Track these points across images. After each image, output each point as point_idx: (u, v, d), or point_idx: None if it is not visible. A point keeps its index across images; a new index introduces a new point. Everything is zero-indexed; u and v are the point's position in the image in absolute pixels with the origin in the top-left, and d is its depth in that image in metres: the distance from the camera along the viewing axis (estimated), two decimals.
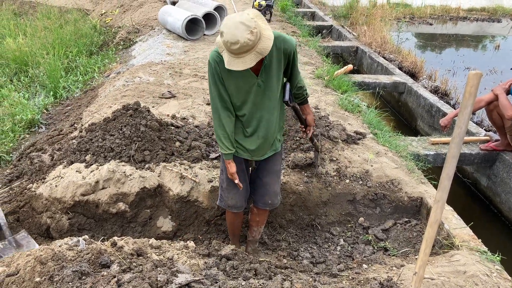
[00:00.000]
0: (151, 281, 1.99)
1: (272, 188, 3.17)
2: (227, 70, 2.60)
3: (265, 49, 2.39)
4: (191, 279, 1.98)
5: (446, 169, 1.76)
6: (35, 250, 2.66)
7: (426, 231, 1.83)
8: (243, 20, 2.32)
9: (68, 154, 4.12)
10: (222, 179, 3.18)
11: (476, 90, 1.72)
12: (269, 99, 2.79)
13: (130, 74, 6.44)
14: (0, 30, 9.48)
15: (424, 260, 1.84)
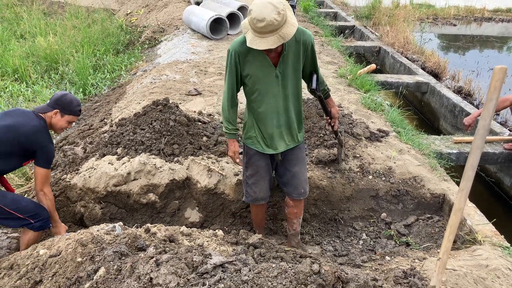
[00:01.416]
0: (187, 261, 2.12)
1: (303, 176, 3.26)
2: (247, 61, 2.74)
3: (288, 34, 2.50)
4: (224, 260, 2.10)
5: (471, 159, 1.84)
6: (73, 234, 2.83)
7: (450, 219, 1.91)
8: (272, 1, 2.45)
9: (100, 147, 4.29)
10: (247, 175, 3.28)
11: (501, 84, 1.80)
12: (287, 90, 2.90)
13: (157, 72, 6.62)
14: (31, 29, 9.80)
15: (447, 247, 1.92)
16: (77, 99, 3.27)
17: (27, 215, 3.07)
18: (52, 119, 3.15)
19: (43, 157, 3.05)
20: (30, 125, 2.99)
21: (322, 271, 1.99)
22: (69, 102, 3.16)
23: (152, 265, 2.07)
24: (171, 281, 1.98)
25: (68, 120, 3.21)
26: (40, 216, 3.17)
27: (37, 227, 3.15)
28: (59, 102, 3.13)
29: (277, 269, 2.05)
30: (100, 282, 2.11)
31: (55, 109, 3.12)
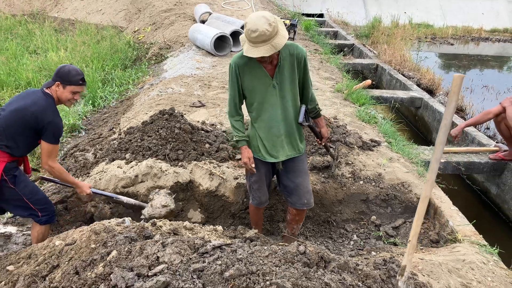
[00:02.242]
0: (189, 244, 2.41)
1: (306, 188, 3.45)
2: (245, 73, 3.06)
3: (279, 44, 2.82)
4: (222, 243, 2.39)
5: (435, 153, 2.14)
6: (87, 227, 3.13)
7: (418, 206, 2.20)
8: (264, 15, 2.80)
9: (110, 153, 4.61)
10: (252, 181, 3.50)
11: (459, 89, 2.11)
12: (285, 100, 3.18)
13: (163, 85, 6.99)
14: (43, 45, 10.24)
15: (416, 231, 2.21)
16: (77, 68, 3.27)
17: (38, 207, 3.34)
18: (57, 92, 3.22)
19: (49, 132, 3.16)
20: (37, 103, 3.13)
21: (307, 251, 2.28)
22: (67, 72, 3.19)
23: (159, 246, 2.37)
24: (175, 259, 2.28)
25: (71, 91, 3.23)
26: (47, 211, 3.43)
27: (43, 221, 3.42)
28: (59, 74, 3.19)
29: (268, 250, 2.34)
30: (113, 262, 2.40)
31: (56, 81, 3.20)
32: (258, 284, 2.09)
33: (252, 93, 3.18)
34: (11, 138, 3.15)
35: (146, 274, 2.20)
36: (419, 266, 2.91)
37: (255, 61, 3.03)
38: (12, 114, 3.16)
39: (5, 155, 3.15)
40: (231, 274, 2.13)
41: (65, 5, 15.64)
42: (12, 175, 3.20)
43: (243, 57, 3.02)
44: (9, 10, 15.18)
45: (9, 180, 3.18)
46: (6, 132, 3.14)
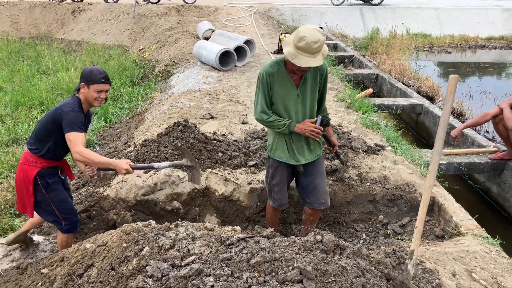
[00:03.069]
0: (216, 238, 2.65)
1: (324, 188, 3.68)
2: (275, 81, 3.31)
3: (326, 52, 3.16)
4: (246, 235, 2.63)
5: (436, 147, 2.39)
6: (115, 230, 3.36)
7: (423, 195, 2.44)
8: (314, 27, 3.10)
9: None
10: (273, 184, 3.71)
11: (455, 89, 2.36)
12: (306, 108, 3.43)
13: (173, 100, 7.27)
14: (53, 66, 10.59)
15: (422, 217, 2.44)
16: (99, 68, 3.39)
17: (63, 215, 3.57)
18: (84, 94, 3.34)
19: (65, 122, 3.20)
20: (62, 103, 3.35)
21: (324, 239, 2.51)
22: (89, 72, 3.32)
23: (189, 240, 2.61)
24: (205, 251, 2.51)
25: (95, 89, 3.31)
26: (70, 221, 3.63)
27: (65, 229, 3.64)
28: (82, 76, 3.34)
29: (288, 241, 2.58)
30: (146, 256, 2.63)
31: (81, 83, 3.33)
32: (282, 269, 2.32)
33: (279, 101, 3.40)
34: (43, 141, 3.38)
35: (179, 264, 2.44)
36: (426, 254, 3.13)
37: (284, 71, 3.32)
38: (42, 118, 3.43)
39: (40, 161, 3.40)
40: (256, 261, 2.36)
41: (71, 27, 16.07)
42: (45, 181, 3.44)
43: (274, 66, 3.31)
44: (16, 34, 15.61)
45: (42, 185, 3.43)
46: (39, 136, 3.39)
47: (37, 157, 3.42)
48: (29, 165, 3.42)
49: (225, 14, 15.80)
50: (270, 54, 10.91)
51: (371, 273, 2.47)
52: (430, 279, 2.75)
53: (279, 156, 3.57)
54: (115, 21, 15.47)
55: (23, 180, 3.44)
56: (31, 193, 3.47)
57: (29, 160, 3.43)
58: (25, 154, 3.46)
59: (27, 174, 3.42)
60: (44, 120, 3.41)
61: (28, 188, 3.45)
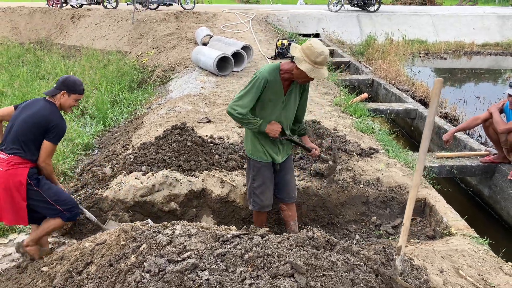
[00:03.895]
0: (211, 234, 2.75)
1: (293, 183, 3.99)
2: (269, 88, 3.46)
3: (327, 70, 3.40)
4: (241, 232, 2.73)
5: (422, 146, 2.50)
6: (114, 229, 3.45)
7: (410, 193, 2.54)
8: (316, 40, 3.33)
9: (126, 166, 4.96)
10: (254, 186, 3.86)
11: (439, 92, 2.47)
12: (287, 113, 3.68)
13: (171, 104, 7.39)
14: (52, 71, 10.70)
15: (408, 214, 2.54)
16: (79, 79, 3.69)
17: (63, 207, 3.63)
18: (61, 100, 3.57)
19: (53, 133, 3.47)
20: (44, 109, 3.50)
21: (315, 236, 2.61)
22: (73, 82, 3.59)
23: (186, 237, 2.71)
24: (200, 247, 2.61)
25: (74, 99, 3.61)
26: (73, 210, 3.72)
27: (67, 217, 3.71)
28: (65, 84, 3.55)
29: (280, 237, 2.69)
30: (144, 253, 2.73)
31: (62, 90, 3.54)
32: (274, 264, 2.42)
33: (266, 105, 3.57)
34: (27, 145, 3.46)
35: (176, 260, 2.53)
36: (415, 252, 3.23)
37: (279, 79, 3.48)
38: (24, 123, 3.48)
39: (27, 162, 3.47)
40: (250, 256, 2.46)
41: (70, 33, 16.21)
42: (35, 178, 3.52)
43: (272, 73, 3.46)
44: (16, 39, 15.74)
45: (34, 183, 3.49)
46: (22, 140, 3.45)
47: (22, 159, 3.46)
48: (17, 168, 3.44)
49: (223, 20, 15.96)
50: (267, 60, 11.05)
51: (360, 268, 2.57)
52: (418, 275, 2.85)
53: (260, 157, 3.74)
54: (114, 26, 15.61)
55: (13, 185, 3.43)
56: (23, 197, 3.49)
57: (15, 163, 3.44)
58: (9, 159, 3.43)
59: (18, 177, 3.43)
60: (27, 126, 3.47)
61: (20, 192, 3.46)
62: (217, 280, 2.32)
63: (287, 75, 3.46)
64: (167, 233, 2.87)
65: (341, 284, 2.36)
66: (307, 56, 3.24)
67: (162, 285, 2.39)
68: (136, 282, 2.47)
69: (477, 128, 7.42)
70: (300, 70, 3.30)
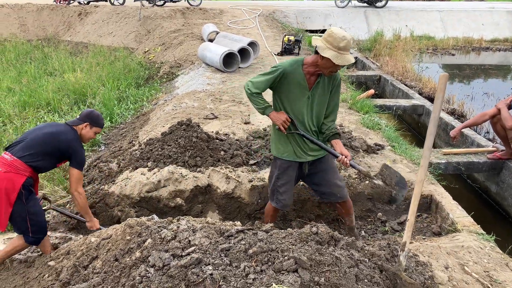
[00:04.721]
0: (216, 230, 2.75)
1: (336, 182, 3.73)
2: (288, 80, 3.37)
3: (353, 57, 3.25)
4: (245, 227, 2.73)
5: (427, 142, 2.48)
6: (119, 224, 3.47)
7: (415, 189, 2.53)
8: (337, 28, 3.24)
9: (133, 162, 4.98)
10: (278, 185, 3.73)
11: (444, 87, 2.45)
12: (313, 111, 3.49)
13: (177, 100, 7.40)
14: (59, 67, 10.76)
15: (413, 210, 2.53)
16: (101, 114, 3.92)
17: (33, 228, 3.52)
18: (82, 131, 3.74)
19: (77, 160, 3.63)
20: (68, 134, 3.61)
21: (319, 231, 2.61)
22: (97, 117, 3.82)
23: (190, 232, 2.72)
24: (205, 242, 2.62)
25: (95, 132, 3.83)
26: (38, 235, 3.59)
27: (30, 241, 3.59)
28: (89, 117, 3.76)
29: (285, 233, 2.69)
30: (149, 248, 2.74)
31: (85, 122, 3.74)
32: (278, 259, 2.43)
33: (289, 99, 3.46)
34: (41, 155, 3.49)
35: (180, 254, 2.54)
36: (420, 248, 3.22)
37: (301, 72, 3.37)
38: (45, 136, 3.54)
39: (28, 170, 3.44)
40: (254, 251, 2.46)
41: (77, 29, 16.28)
42: (29, 189, 3.46)
43: (293, 66, 3.37)
44: (24, 36, 15.84)
45: (25, 194, 3.42)
46: (37, 150, 3.48)
47: (26, 166, 3.44)
48: (16, 173, 3.40)
49: (230, 16, 15.94)
50: (274, 56, 11.02)
51: (365, 264, 2.57)
52: (423, 271, 2.84)
53: (287, 156, 3.62)
54: (121, 23, 15.65)
55: (5, 189, 3.35)
56: (12, 203, 3.40)
57: (18, 168, 3.40)
58: (13, 162, 3.41)
59: (13, 182, 3.37)
60: (45, 141, 3.52)
61: (10, 198, 3.38)
62: (221, 275, 2.33)
63: (312, 69, 3.34)
64: (171, 228, 2.88)
65: (345, 279, 2.36)
66: (330, 43, 3.14)
67: (167, 280, 2.41)
68: (140, 277, 2.48)
69: (485, 125, 7.37)
70: (325, 59, 3.17)
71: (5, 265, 3.79)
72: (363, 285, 2.39)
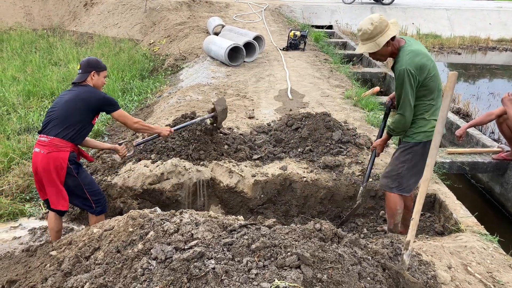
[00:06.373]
0: (219, 224, 2.75)
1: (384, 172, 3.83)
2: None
3: (381, 42, 3.20)
4: (248, 222, 2.72)
5: (434, 141, 2.46)
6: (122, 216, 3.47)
7: (420, 188, 2.51)
8: (372, 16, 3.24)
9: (136, 154, 4.97)
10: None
11: (454, 85, 2.43)
12: None
13: (182, 93, 7.38)
14: (65, 57, 10.74)
15: (418, 209, 2.51)
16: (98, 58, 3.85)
17: (94, 198, 3.70)
18: (94, 80, 3.68)
19: (108, 104, 3.64)
20: (84, 91, 3.59)
21: (323, 228, 2.60)
22: (96, 61, 3.73)
23: (193, 225, 2.71)
24: (207, 236, 2.61)
25: (104, 76, 3.77)
26: (100, 202, 3.79)
27: (98, 211, 3.79)
28: (91, 65, 3.68)
29: (288, 228, 2.67)
30: (151, 240, 2.73)
31: (90, 72, 3.66)
32: (281, 255, 2.41)
33: None
34: (72, 125, 3.50)
35: (182, 248, 2.54)
36: (423, 248, 3.21)
37: None
38: (66, 104, 3.53)
39: (68, 144, 3.49)
40: (256, 246, 2.45)
41: (83, 20, 16.24)
42: (76, 163, 3.57)
43: None
44: (29, 25, 15.82)
45: (74, 168, 3.53)
46: (67, 121, 3.49)
47: (65, 141, 3.49)
48: (59, 151, 3.46)
49: (236, 10, 15.87)
50: (279, 51, 10.97)
51: (368, 262, 2.56)
52: (426, 270, 2.83)
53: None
54: (126, 14, 15.60)
55: (55, 168, 3.46)
56: (62, 181, 3.52)
57: (58, 146, 3.47)
58: (51, 141, 3.46)
59: (60, 160, 3.46)
60: (72, 106, 3.52)
61: (60, 176, 3.49)
62: (223, 269, 2.32)
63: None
64: (174, 221, 2.88)
65: (348, 277, 2.34)
66: None
67: (169, 273, 2.40)
68: (142, 269, 2.48)
69: (490, 125, 7.33)
70: None
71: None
72: (366, 283, 2.38)
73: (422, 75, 3.25)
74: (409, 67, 3.21)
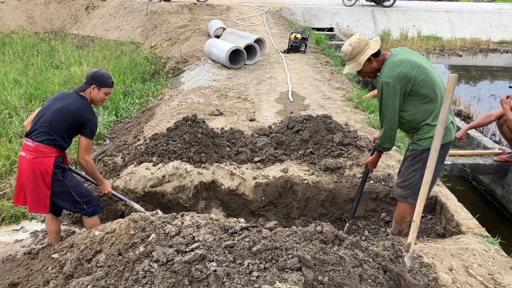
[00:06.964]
0: (220, 226, 2.75)
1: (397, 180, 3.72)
2: None
3: (362, 60, 3.25)
4: (249, 224, 2.73)
5: (434, 143, 2.47)
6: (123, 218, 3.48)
7: (421, 190, 2.52)
8: (352, 37, 3.31)
9: (137, 157, 4.98)
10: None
11: (454, 87, 2.44)
12: None
13: (183, 96, 7.40)
14: (66, 60, 10.78)
15: (419, 211, 2.52)
16: (107, 73, 3.76)
17: (83, 200, 3.70)
18: (92, 94, 3.65)
19: (88, 128, 3.59)
20: (76, 103, 3.58)
21: (324, 230, 2.60)
22: (102, 76, 3.66)
23: (194, 228, 2.72)
24: (209, 238, 2.62)
25: (105, 92, 3.70)
26: (91, 203, 3.80)
27: (89, 212, 3.79)
28: (94, 78, 3.64)
29: (289, 231, 2.68)
30: (153, 243, 2.74)
31: (91, 85, 3.63)
32: (282, 257, 2.42)
33: None
34: (59, 133, 3.53)
35: (184, 250, 2.54)
36: (425, 250, 3.21)
37: None
38: (57, 112, 3.55)
39: (53, 150, 3.53)
40: (258, 249, 2.46)
41: (84, 23, 16.31)
42: (61, 168, 3.58)
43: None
44: (31, 28, 15.88)
45: (59, 173, 3.55)
46: (54, 129, 3.52)
47: (50, 147, 3.52)
48: (45, 157, 3.50)
49: (237, 13, 15.91)
50: (280, 53, 11.00)
51: (369, 264, 2.56)
52: (427, 272, 2.83)
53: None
54: (127, 17, 15.66)
55: (40, 173, 3.49)
56: (48, 185, 3.54)
57: (43, 152, 3.50)
58: (37, 147, 3.49)
59: (45, 165, 3.49)
60: (61, 115, 3.54)
61: (46, 181, 3.51)
62: (224, 272, 2.32)
63: None
64: (176, 224, 2.88)
65: (349, 279, 2.35)
66: None
67: (170, 275, 2.41)
68: (144, 272, 2.49)
69: (491, 127, 7.33)
70: None
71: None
72: (367, 285, 2.38)
73: (408, 84, 3.20)
74: (387, 80, 3.19)
